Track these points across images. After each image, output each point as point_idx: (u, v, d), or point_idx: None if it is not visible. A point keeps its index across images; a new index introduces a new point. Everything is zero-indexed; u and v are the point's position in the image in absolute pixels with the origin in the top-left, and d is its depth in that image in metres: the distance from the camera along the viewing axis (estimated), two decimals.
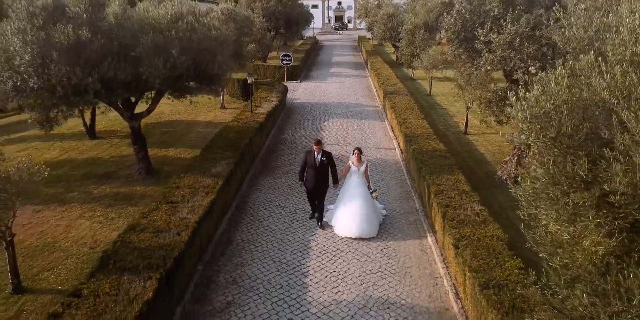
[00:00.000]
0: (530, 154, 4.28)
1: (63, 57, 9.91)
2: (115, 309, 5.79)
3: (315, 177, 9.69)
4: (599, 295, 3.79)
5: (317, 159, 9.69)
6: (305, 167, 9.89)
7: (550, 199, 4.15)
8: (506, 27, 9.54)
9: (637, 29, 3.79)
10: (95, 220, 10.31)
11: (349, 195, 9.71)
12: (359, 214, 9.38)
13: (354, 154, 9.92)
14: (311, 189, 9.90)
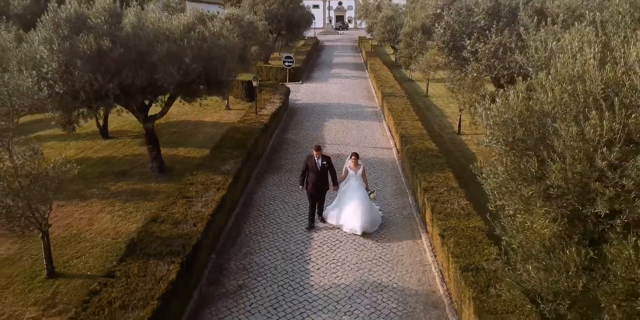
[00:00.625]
0: (494, 155, 5.22)
1: (86, 64, 10.84)
2: (144, 287, 6.73)
3: (317, 180, 10.36)
4: (546, 269, 4.72)
5: (318, 164, 10.35)
6: (305, 172, 10.51)
7: (510, 192, 5.08)
8: (491, 37, 10.45)
9: (577, 54, 4.71)
10: (115, 214, 11.25)
11: (348, 197, 10.42)
12: (361, 214, 10.11)
13: (351, 159, 10.60)
14: (313, 192, 10.51)
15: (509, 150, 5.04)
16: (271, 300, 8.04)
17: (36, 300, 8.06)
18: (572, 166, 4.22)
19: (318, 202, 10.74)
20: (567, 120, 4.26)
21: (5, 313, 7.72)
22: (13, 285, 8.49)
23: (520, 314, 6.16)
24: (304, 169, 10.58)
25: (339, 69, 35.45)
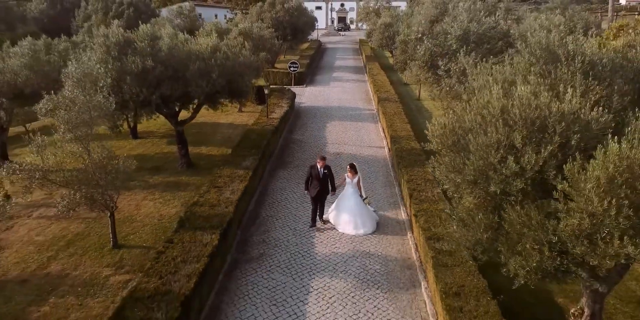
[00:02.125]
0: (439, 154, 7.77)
1: (134, 80, 13.46)
2: (196, 249, 9.34)
3: (319, 186, 12.00)
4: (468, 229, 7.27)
5: (320, 172, 11.98)
6: (309, 178, 12.14)
7: (449, 179, 7.63)
8: (461, 58, 12.97)
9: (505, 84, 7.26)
10: (156, 201, 13.88)
11: (345, 202, 12.07)
12: (358, 215, 11.96)
13: (349, 169, 12.30)
14: (315, 195, 12.09)
15: (447, 152, 7.60)
16: (285, 263, 10.64)
17: (108, 263, 10.70)
18: (477, 162, 6.78)
19: (319, 204, 12.35)
20: (477, 133, 6.79)
21: (88, 272, 10.35)
22: (88, 253, 11.13)
23: (463, 266, 8.75)
24: (308, 176, 12.21)
25: (340, 72, 37.97)
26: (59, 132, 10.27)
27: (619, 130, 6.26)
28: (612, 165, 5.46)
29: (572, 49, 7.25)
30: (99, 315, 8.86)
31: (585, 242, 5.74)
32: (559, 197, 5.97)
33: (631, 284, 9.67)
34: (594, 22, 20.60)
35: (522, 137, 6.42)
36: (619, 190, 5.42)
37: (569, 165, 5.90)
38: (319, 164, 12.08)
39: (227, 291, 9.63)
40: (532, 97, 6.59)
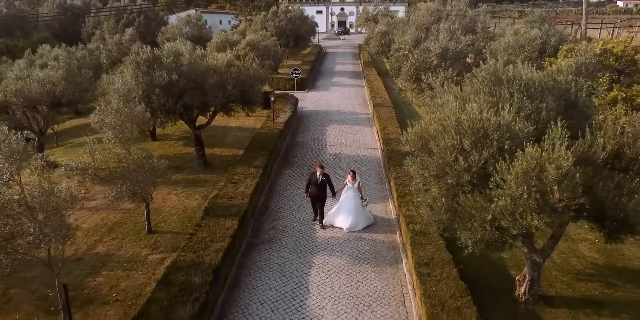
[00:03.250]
0: (412, 155, 10.01)
1: (161, 92, 15.72)
2: (220, 231, 11.59)
3: (317, 191, 13.58)
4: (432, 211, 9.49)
5: (319, 179, 13.51)
6: (309, 184, 13.70)
7: (420, 175, 9.87)
8: (440, 73, 15.22)
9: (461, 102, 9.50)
10: (180, 195, 16.13)
11: (346, 204, 13.65)
12: (354, 216, 13.75)
13: (350, 175, 13.87)
14: (314, 199, 13.70)
15: (417, 153, 9.85)
16: (291, 245, 12.90)
17: (145, 245, 12.95)
18: (438, 161, 9.02)
19: (319, 208, 13.81)
20: (438, 139, 9.03)
21: (129, 252, 12.61)
22: (127, 237, 13.39)
23: (434, 244, 11.01)
24: (308, 182, 13.82)
25: (340, 77, 40.22)
26: (107, 137, 12.53)
27: (540, 138, 8.50)
28: (526, 163, 7.72)
29: (512, 74, 9.49)
30: (144, 283, 11.11)
31: (509, 218, 7.98)
32: (493, 186, 8.21)
33: (572, 260, 11.90)
34: (567, 35, 22.81)
35: (469, 142, 8.68)
36: (530, 181, 7.66)
37: (501, 163, 8.16)
38: (317, 172, 13.70)
39: (245, 267, 11.89)
40: (478, 112, 8.84)
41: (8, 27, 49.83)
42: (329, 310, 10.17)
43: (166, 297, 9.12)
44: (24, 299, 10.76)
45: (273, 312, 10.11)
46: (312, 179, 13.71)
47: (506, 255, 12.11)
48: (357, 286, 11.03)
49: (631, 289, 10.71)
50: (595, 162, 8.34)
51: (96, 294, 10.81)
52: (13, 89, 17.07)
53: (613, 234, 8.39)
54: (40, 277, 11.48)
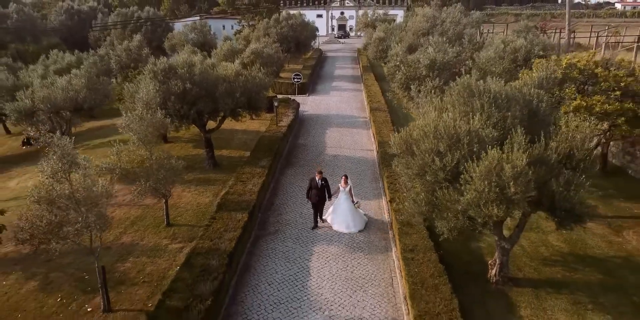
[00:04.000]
0: (399, 156, 11.68)
1: (176, 99, 17.40)
2: (232, 223, 13.26)
3: (317, 194, 14.85)
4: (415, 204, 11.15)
5: (318, 183, 14.77)
6: (310, 188, 14.94)
7: (405, 174, 11.53)
8: (428, 82, 16.87)
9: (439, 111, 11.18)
10: (192, 193, 17.80)
11: (341, 207, 14.86)
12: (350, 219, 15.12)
13: (342, 179, 15.10)
14: (315, 202, 14.89)
15: (403, 155, 11.52)
16: (294, 236, 14.56)
17: (165, 236, 14.62)
18: (419, 161, 10.68)
19: (319, 208, 15.10)
20: (420, 143, 10.69)
21: (152, 242, 14.28)
22: (148, 229, 15.06)
23: (418, 234, 12.67)
24: (309, 186, 14.98)
25: (339, 81, 41.91)
26: (132, 140, 14.21)
27: (504, 142, 10.17)
28: (488, 163, 9.39)
29: (483, 87, 11.16)
30: (166, 268, 12.78)
31: (476, 208, 9.65)
32: (463, 182, 9.88)
33: (541, 249, 13.55)
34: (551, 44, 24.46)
35: (445, 145, 10.35)
36: (491, 177, 9.33)
37: (469, 163, 9.83)
38: (317, 177, 14.94)
39: (254, 254, 13.56)
40: (452, 120, 10.51)
41: (19, 32, 51.52)
42: (327, 289, 11.83)
43: (189, 277, 10.79)
44: (63, 281, 12.43)
45: (279, 292, 11.78)
46: (313, 184, 14.95)
47: (483, 244, 13.78)
48: (352, 270, 12.69)
49: (589, 272, 12.37)
50: (549, 163, 10.01)
51: (125, 277, 12.48)
52: (40, 96, 18.74)
53: (563, 222, 10.05)
54: (75, 263, 13.18)
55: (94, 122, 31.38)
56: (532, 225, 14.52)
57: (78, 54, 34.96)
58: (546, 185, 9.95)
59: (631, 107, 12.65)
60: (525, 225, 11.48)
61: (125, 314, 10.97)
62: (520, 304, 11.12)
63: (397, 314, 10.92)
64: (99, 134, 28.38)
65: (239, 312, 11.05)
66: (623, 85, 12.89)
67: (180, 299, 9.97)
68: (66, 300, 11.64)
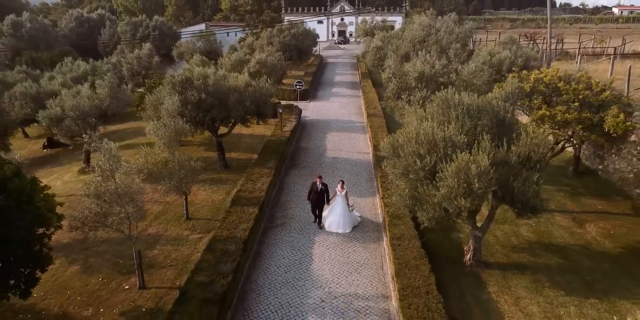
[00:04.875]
0: (387, 158, 13.81)
1: (193, 107, 19.55)
2: (245, 216, 15.39)
3: (317, 197, 16.49)
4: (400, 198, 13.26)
5: (319, 187, 16.40)
6: (311, 192, 16.58)
7: (392, 173, 13.65)
8: (417, 92, 19.01)
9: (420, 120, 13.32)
10: (207, 191, 19.91)
11: (335, 209, 16.48)
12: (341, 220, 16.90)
13: (339, 184, 16.74)
14: (315, 204, 16.55)
15: (390, 157, 13.65)
16: (298, 228, 16.68)
17: (185, 228, 16.74)
18: (404, 162, 12.80)
19: (318, 211, 16.68)
20: (404, 147, 12.79)
21: (174, 233, 16.39)
22: (170, 222, 17.18)
23: (405, 225, 14.79)
24: (310, 190, 16.67)
25: (339, 87, 44.08)
26: (157, 144, 16.35)
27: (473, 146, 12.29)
28: (458, 163, 11.51)
29: (457, 100, 13.30)
30: (189, 254, 14.89)
31: (448, 201, 11.76)
32: (439, 179, 11.99)
33: (512, 238, 15.65)
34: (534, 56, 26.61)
35: (424, 149, 12.48)
36: (460, 175, 11.45)
37: (444, 164, 11.95)
38: (317, 181, 16.60)
39: (263, 243, 15.68)
40: (431, 128, 12.64)
41: (32, 40, 53.77)
42: (327, 271, 13.95)
43: (212, 258, 12.92)
44: (101, 265, 14.54)
45: (286, 273, 13.89)
46: (313, 188, 16.63)
47: (462, 235, 15.88)
48: (349, 256, 14.81)
49: (550, 257, 14.48)
50: (511, 163, 12.15)
51: (154, 261, 14.59)
52: (70, 105, 20.89)
53: (520, 212, 12.18)
54: (109, 251, 15.29)
55: (108, 126, 33.50)
56: (507, 219, 16.61)
57: (93, 63, 37.07)
58: (508, 182, 12.08)
59: (587, 116, 14.75)
60: (494, 217, 13.61)
61: (158, 290, 13.09)
62: (489, 283, 13.24)
63: (386, 290, 13.03)
64: (113, 138, 30.28)
65: (253, 289, 13.17)
66: (581, 98, 15.00)
67: (206, 275, 12.09)
68: (106, 280, 13.75)
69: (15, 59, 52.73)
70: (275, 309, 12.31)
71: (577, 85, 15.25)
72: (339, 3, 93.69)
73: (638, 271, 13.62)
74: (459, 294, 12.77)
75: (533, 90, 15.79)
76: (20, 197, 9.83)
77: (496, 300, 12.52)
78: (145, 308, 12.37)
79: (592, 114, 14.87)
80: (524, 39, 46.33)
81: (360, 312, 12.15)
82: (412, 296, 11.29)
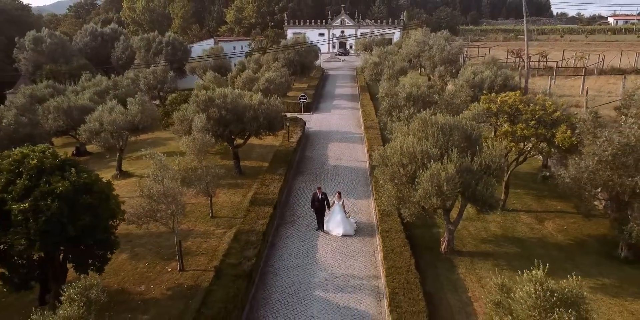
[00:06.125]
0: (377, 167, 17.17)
1: (214, 123, 22.93)
2: (262, 213, 18.74)
3: (319, 205, 19.33)
4: (387, 198, 16.59)
5: (319, 197, 19.24)
6: (313, 200, 19.28)
7: (382, 178, 16.99)
8: (405, 110, 22.39)
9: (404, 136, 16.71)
10: (226, 194, 23.26)
11: (334, 216, 19.30)
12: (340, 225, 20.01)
13: (337, 195, 19.59)
14: (316, 211, 19.32)
15: (380, 165, 17.00)
16: (305, 225, 20.00)
17: (211, 224, 20.08)
18: (390, 170, 16.15)
19: (319, 217, 19.38)
20: (391, 157, 16.12)
21: (202, 228, 19.74)
22: (197, 220, 20.53)
23: (393, 221, 18.14)
24: (312, 199, 19.42)
25: (339, 100, 47.55)
26: (188, 154, 19.74)
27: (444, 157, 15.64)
28: (431, 171, 14.86)
29: (434, 120, 16.67)
30: (217, 245, 18.21)
31: (424, 200, 15.09)
32: (417, 183, 15.33)
33: (482, 233, 18.97)
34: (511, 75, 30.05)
35: (407, 160, 15.83)
36: (433, 180, 14.79)
37: (421, 171, 15.29)
38: (317, 191, 19.52)
39: (277, 236, 19.01)
40: (412, 143, 16.00)
41: (52, 54, 57.35)
42: (329, 258, 17.27)
43: (238, 246, 16.25)
44: (145, 254, 17.87)
45: (296, 259, 17.21)
46: (315, 197, 19.59)
47: (442, 230, 19.18)
48: (347, 246, 18.14)
49: (511, 248, 17.77)
50: (474, 171, 15.50)
51: (189, 250, 17.89)
52: (108, 120, 24.31)
53: (481, 209, 15.51)
54: (150, 243, 18.62)
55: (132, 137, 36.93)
56: (480, 218, 19.91)
57: (114, 78, 40.56)
58: (471, 185, 15.42)
59: (542, 132, 18.08)
60: (463, 213, 16.94)
61: (194, 272, 16.42)
62: (459, 266, 16.55)
63: (377, 272, 16.33)
64: (137, 147, 33.68)
65: (270, 271, 16.49)
66: (537, 117, 18.34)
67: (235, 258, 15.42)
68: (151, 264, 17.08)
69: (36, 72, 56.41)
70: (289, 286, 15.62)
71: (535, 107, 18.61)
72: (340, 16, 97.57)
73: (579, 258, 16.95)
74: (435, 274, 16.09)
75: (499, 111, 19.16)
76: (102, 196, 13.20)
77: (463, 279, 15.83)
78: (186, 285, 15.70)
79: (546, 130, 18.20)
80: (511, 55, 49.82)
81: (356, 288, 15.46)
82: (396, 274, 14.60)
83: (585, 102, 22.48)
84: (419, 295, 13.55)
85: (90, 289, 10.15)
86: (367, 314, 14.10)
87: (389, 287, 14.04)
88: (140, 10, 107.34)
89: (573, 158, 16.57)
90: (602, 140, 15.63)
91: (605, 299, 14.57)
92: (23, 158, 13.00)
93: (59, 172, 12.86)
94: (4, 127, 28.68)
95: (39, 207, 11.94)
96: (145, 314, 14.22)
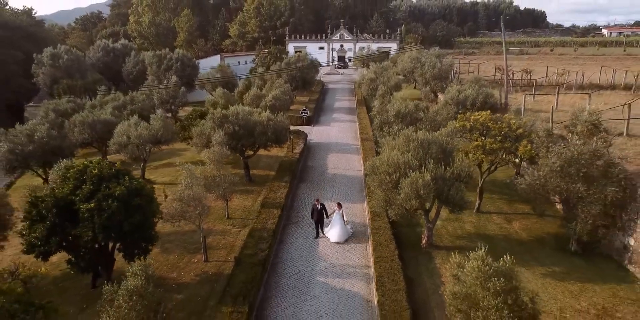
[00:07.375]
0: (368, 175, 20.62)
1: (228, 137, 26.45)
2: (272, 214, 22.14)
3: (318, 215, 22.12)
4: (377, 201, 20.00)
5: (318, 207, 22.07)
6: (313, 211, 22.01)
7: (373, 184, 20.41)
8: (395, 126, 25.85)
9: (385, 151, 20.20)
10: (239, 199, 26.67)
11: (334, 224, 23.44)
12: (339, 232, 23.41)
13: (337, 205, 23.06)
14: (316, 220, 22.29)
15: (371, 174, 20.44)
16: (308, 224, 23.36)
17: (227, 224, 23.48)
18: (379, 177, 19.58)
19: (319, 225, 22.22)
20: (379, 167, 19.53)
21: (220, 227, 23.15)
22: (216, 221, 23.94)
23: (382, 221, 21.55)
24: (312, 210, 22.11)
25: (338, 113, 51.12)
26: (207, 164, 23.20)
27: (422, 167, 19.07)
28: (411, 178, 18.29)
29: (415, 136, 20.14)
30: (234, 241, 21.60)
31: (405, 202, 18.50)
32: (401, 188, 18.75)
33: (458, 230, 22.35)
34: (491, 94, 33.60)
35: (392, 169, 19.28)
36: (413, 186, 18.21)
37: (403, 179, 18.73)
38: (316, 203, 22.32)
39: (284, 234, 22.40)
40: (396, 155, 19.45)
41: (68, 70, 61.06)
42: (329, 252, 20.65)
43: (252, 241, 19.64)
44: (174, 248, 21.25)
45: (301, 252, 20.60)
46: (314, 208, 22.36)
47: (424, 228, 22.56)
48: (344, 242, 21.52)
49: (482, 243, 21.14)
50: (446, 178, 18.94)
51: (210, 245, 21.23)
52: (135, 134, 27.81)
53: (453, 210, 18.93)
54: (177, 240, 22.00)
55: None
56: (457, 219, 23.30)
57: (132, 95, 44.10)
58: (444, 191, 18.85)
59: (507, 146, 21.56)
60: (439, 213, 20.35)
61: (217, 263, 19.80)
62: (436, 257, 19.93)
63: (368, 262, 19.70)
64: (155, 158, 37.38)
65: (279, 262, 19.87)
66: (503, 133, 21.84)
67: (251, 250, 18.81)
68: (179, 257, 20.46)
69: (53, 86, 60.10)
70: (295, 273, 19.00)
71: (502, 124, 22.11)
72: (339, 31, 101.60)
73: (536, 251, 20.34)
74: (415, 264, 19.46)
75: (472, 128, 22.66)
76: (148, 199, 16.63)
77: (439, 268, 19.20)
78: (210, 272, 19.07)
79: (510, 144, 21.66)
80: (498, 71, 53.42)
81: (351, 274, 18.83)
82: (382, 262, 17.99)
83: (551, 118, 25.92)
84: (400, 278, 16.92)
85: (149, 267, 13.52)
86: (358, 294, 17.47)
87: (377, 272, 17.42)
88: (147, 24, 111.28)
89: (530, 168, 20.02)
90: (552, 154, 19.10)
91: (553, 282, 17.94)
92: (85, 168, 16.46)
93: (114, 179, 16.31)
94: (37, 139, 32.16)
95: (102, 207, 15.36)
96: (180, 293, 17.59)
